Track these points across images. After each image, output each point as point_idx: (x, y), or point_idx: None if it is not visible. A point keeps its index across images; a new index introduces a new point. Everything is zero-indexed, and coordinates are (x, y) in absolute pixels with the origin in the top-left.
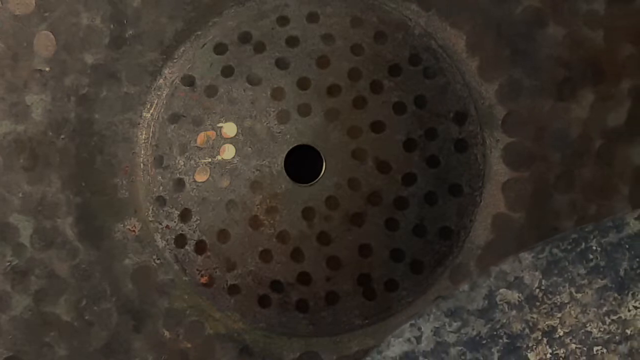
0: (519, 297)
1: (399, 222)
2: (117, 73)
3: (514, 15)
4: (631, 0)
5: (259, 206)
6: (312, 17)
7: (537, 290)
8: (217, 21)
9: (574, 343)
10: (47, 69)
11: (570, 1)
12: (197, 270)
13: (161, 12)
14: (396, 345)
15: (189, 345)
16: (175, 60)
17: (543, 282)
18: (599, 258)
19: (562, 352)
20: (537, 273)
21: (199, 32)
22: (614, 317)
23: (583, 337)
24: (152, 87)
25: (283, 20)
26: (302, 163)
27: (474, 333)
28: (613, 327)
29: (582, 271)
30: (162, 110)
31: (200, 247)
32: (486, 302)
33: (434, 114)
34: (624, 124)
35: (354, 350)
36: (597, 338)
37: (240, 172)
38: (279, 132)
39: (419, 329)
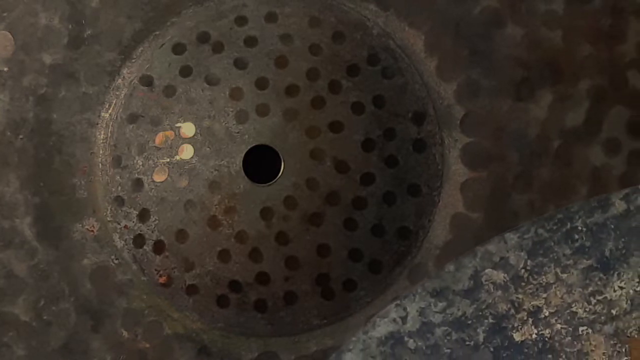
0: (504, 277)
1: (358, 222)
2: (75, 73)
3: (472, 15)
4: (590, 1)
5: (217, 206)
6: (271, 17)
7: (523, 270)
8: (175, 21)
9: (560, 323)
10: (5, 69)
11: (528, 1)
12: (156, 270)
13: (119, 12)
14: (382, 326)
15: (147, 345)
16: (133, 60)
17: (528, 262)
18: (584, 238)
19: (547, 332)
20: (522, 253)
21: (158, 32)
22: (600, 298)
23: (568, 318)
24: (111, 87)
25: (241, 20)
26: (260, 163)
27: (460, 313)
28: (598, 308)
29: (568, 251)
30: (121, 110)
31: (158, 247)
32: (472, 282)
33: (393, 114)
34: (582, 124)
35: (313, 350)
36: (582, 318)
37: (199, 172)
38: (238, 132)
39: (405, 309)
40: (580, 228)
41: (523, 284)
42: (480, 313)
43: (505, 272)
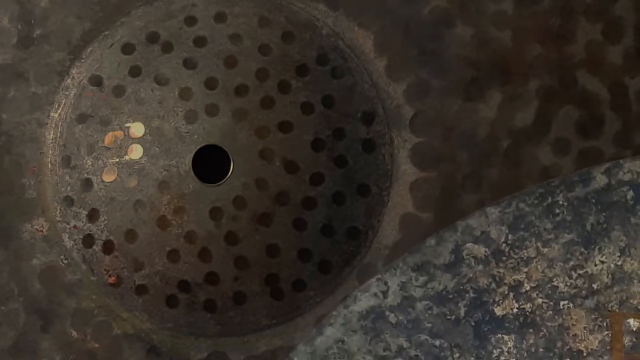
0: (485, 251)
1: (307, 222)
2: (24, 73)
3: (422, 15)
4: (539, 1)
5: (166, 206)
6: (220, 17)
7: (504, 244)
8: (124, 21)
9: (541, 297)
10: None
11: (477, 1)
12: (105, 270)
13: (69, 12)
14: (363, 300)
15: (96, 345)
16: (83, 60)
17: (509, 236)
18: (565, 212)
19: (528, 306)
20: (503, 228)
21: (107, 32)
22: (581, 272)
23: (549, 292)
24: (60, 87)
25: (191, 20)
26: (209, 163)
27: (441, 287)
28: (580, 282)
29: (549, 226)
30: (70, 110)
31: (108, 247)
32: (453, 256)
33: (342, 114)
34: (531, 124)
35: (262, 350)
36: (563, 292)
37: (148, 172)
38: (187, 132)
39: (386, 283)
40: (561, 202)
41: (504, 258)
42: (461, 287)
43: (486, 246)
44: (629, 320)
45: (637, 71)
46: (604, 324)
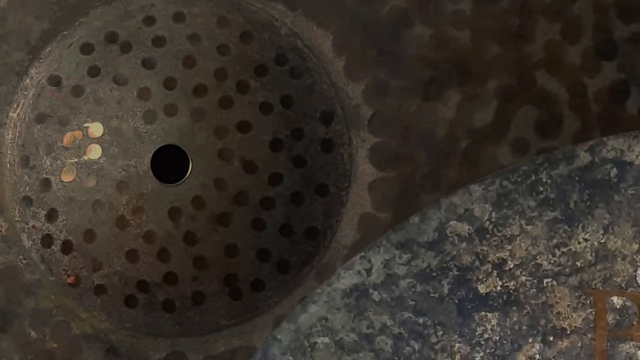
0: (469, 229)
1: (266, 222)
2: None
3: (381, 15)
4: (498, 1)
5: (125, 206)
6: (179, 17)
7: (487, 222)
8: (83, 21)
9: (524, 275)
10: None
11: (436, 1)
12: (64, 270)
13: (27, 12)
14: (346, 278)
15: (55, 345)
16: (41, 60)
17: (493, 214)
18: (549, 190)
19: (512, 284)
20: (487, 205)
21: (66, 32)
22: (564, 250)
23: (533, 270)
24: (19, 87)
25: (149, 20)
26: (168, 163)
27: (424, 265)
28: (563, 260)
29: (532, 203)
30: (29, 110)
31: (66, 247)
32: (436, 234)
33: (301, 114)
34: (490, 123)
35: (221, 350)
36: (547, 270)
37: (107, 172)
38: (146, 132)
39: (369, 261)
40: (545, 180)
41: (488, 236)
42: (445, 265)
43: (469, 224)
44: (612, 298)
45: (596, 71)
46: (588, 302)
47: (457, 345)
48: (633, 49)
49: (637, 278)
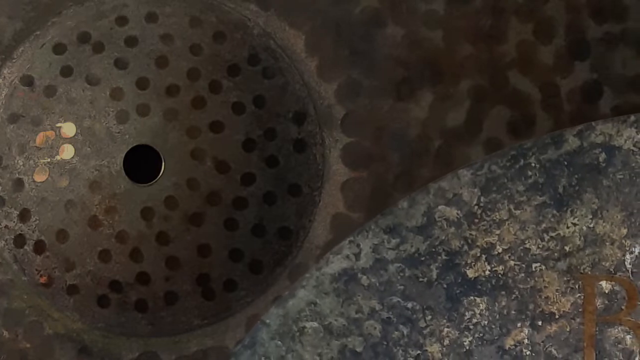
0: (457, 214)
1: (238, 222)
2: None
3: (353, 15)
4: (470, 1)
5: (98, 206)
6: (151, 17)
7: (476, 207)
8: (56, 21)
9: (513, 260)
10: None
11: (409, 1)
12: (36, 270)
13: (0, 12)
14: (335, 262)
15: (28, 345)
16: (14, 60)
17: (482, 199)
18: (537, 175)
19: (500, 268)
20: (475, 190)
21: (38, 32)
22: (553, 234)
23: (522, 254)
24: None
25: (122, 20)
26: (141, 163)
27: (413, 250)
28: (552, 244)
29: (521, 188)
30: (1, 110)
31: (39, 247)
32: (425, 219)
33: (273, 114)
34: (462, 124)
35: (193, 350)
36: (535, 255)
37: (80, 172)
38: (118, 132)
39: (358, 245)
40: (533, 165)
41: (476, 220)
42: (434, 250)
43: (458, 208)
44: (601, 283)
45: (569, 71)
46: (576, 287)
47: (446, 329)
48: (605, 49)
49: (626, 262)
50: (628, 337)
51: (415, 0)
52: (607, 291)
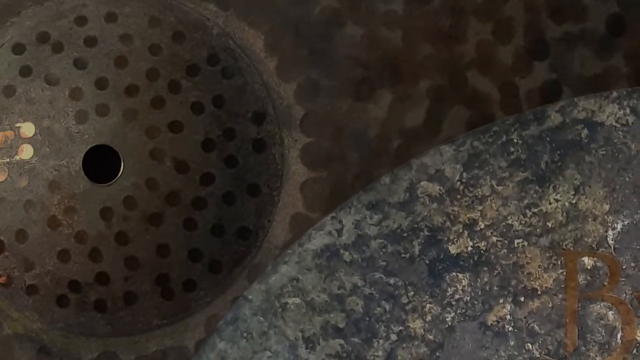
0: (440, 189)
1: (197, 222)
2: None
3: (312, 15)
4: (429, 1)
5: (57, 206)
6: (110, 17)
7: (458, 183)
8: (15, 21)
9: (495, 236)
10: None
11: (368, 1)
12: None
13: None
14: (317, 238)
15: None
16: None
17: (464, 174)
18: (520, 151)
19: (483, 244)
20: (458, 166)
21: None
22: (535, 210)
23: (504, 230)
24: None
25: (81, 20)
26: (100, 163)
27: (395, 226)
28: (534, 220)
29: (503, 164)
30: None
31: None
32: (407, 194)
33: (232, 114)
34: (422, 124)
35: (153, 350)
36: (518, 231)
37: (39, 172)
38: (77, 132)
39: (340, 221)
40: (516, 140)
41: (459, 196)
42: (416, 225)
43: (440, 184)
44: (583, 259)
45: (528, 71)
46: (559, 262)
47: (428, 305)
48: (565, 49)
49: (608, 238)
50: (610, 313)
51: (374, 0)
52: (589, 267)
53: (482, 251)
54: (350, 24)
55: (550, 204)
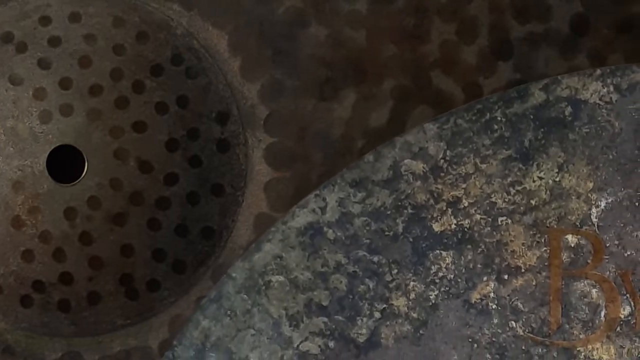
0: (423, 167)
1: (161, 222)
2: None
3: (276, 15)
4: (393, 1)
5: (20, 206)
6: (75, 17)
7: (442, 160)
8: None
9: (479, 214)
10: None
11: (332, 1)
12: None
13: None
14: (301, 216)
15: None
16: None
17: (448, 152)
18: (503, 129)
19: (466, 222)
20: (441, 144)
21: None
22: (519, 188)
23: (488, 208)
24: None
25: (45, 20)
26: (64, 163)
27: (379, 204)
28: (518, 198)
29: (487, 142)
30: None
31: None
32: (391, 172)
33: (196, 114)
34: (386, 123)
35: (116, 350)
36: (501, 209)
37: (2, 172)
38: (41, 132)
39: (324, 199)
40: (499, 118)
41: (442, 174)
42: (400, 203)
43: (424, 162)
44: (567, 237)
45: (492, 71)
46: (542, 240)
47: (412, 283)
48: (529, 49)
49: (592, 216)
50: (594, 290)
51: (338, 1)
52: (573, 245)
53: (465, 229)
54: (314, 24)
55: (534, 181)
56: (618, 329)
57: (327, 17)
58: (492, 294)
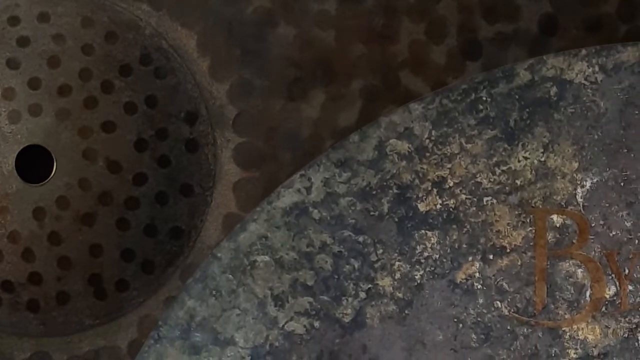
0: (409, 147)
1: (130, 222)
2: None
3: (245, 15)
4: (362, 1)
5: None
6: (43, 17)
7: (427, 140)
8: None
9: (464, 194)
10: None
11: (301, 1)
12: None
13: None
14: (286, 196)
15: None
16: None
17: (433, 132)
18: (489, 108)
19: (452, 202)
20: (427, 124)
21: None
22: (504, 168)
23: (473, 188)
24: None
25: (14, 20)
26: (33, 163)
27: (364, 184)
28: (503, 178)
29: (472, 122)
30: None
31: None
32: (376, 152)
33: (165, 114)
34: (354, 123)
35: (85, 350)
36: (487, 189)
37: None
38: (10, 132)
39: (309, 179)
40: (484, 98)
41: (427, 154)
42: (385, 183)
43: (409, 142)
44: (552, 217)
45: (460, 71)
46: (528, 220)
47: (397, 263)
48: (497, 48)
49: (577, 196)
50: (579, 270)
51: (307, 0)
52: (558, 225)
53: (451, 209)
54: (282, 24)
55: (519, 161)
56: (603, 309)
57: (296, 17)
58: (477, 274)
